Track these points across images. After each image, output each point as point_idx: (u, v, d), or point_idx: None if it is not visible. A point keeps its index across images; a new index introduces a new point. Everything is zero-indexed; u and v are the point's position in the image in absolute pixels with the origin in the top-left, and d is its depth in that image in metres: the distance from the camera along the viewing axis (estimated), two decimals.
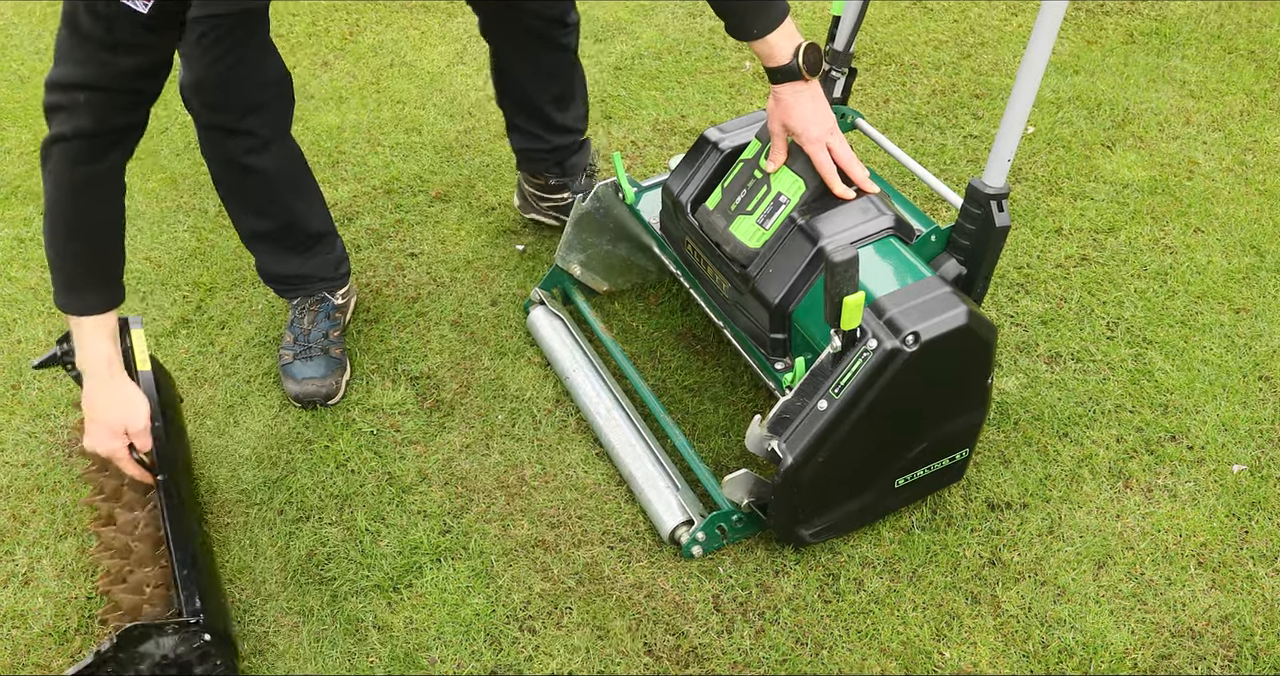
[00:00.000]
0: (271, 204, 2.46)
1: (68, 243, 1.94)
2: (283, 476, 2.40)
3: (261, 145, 2.36)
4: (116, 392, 2.01)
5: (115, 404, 2.01)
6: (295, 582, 2.21)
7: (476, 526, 2.30)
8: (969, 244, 2.12)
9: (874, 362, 1.90)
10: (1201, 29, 3.76)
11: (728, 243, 2.18)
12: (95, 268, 1.98)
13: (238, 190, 2.44)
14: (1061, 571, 2.19)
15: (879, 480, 2.13)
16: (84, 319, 1.98)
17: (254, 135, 2.33)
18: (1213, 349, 2.62)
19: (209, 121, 2.30)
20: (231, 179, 2.41)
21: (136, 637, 1.84)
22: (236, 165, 2.37)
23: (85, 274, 1.97)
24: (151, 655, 1.87)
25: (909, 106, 3.44)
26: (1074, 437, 2.43)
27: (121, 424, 2.01)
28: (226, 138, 2.33)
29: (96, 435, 2.00)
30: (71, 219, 1.92)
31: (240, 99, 2.27)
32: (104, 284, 1.99)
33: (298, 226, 2.53)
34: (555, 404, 2.53)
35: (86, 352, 2.00)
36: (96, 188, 1.90)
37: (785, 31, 2.04)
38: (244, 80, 2.25)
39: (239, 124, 2.30)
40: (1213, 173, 3.15)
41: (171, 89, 3.57)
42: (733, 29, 2.06)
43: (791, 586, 2.17)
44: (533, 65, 2.65)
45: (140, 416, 2.03)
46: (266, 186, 2.42)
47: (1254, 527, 2.26)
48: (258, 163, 2.37)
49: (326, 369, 2.54)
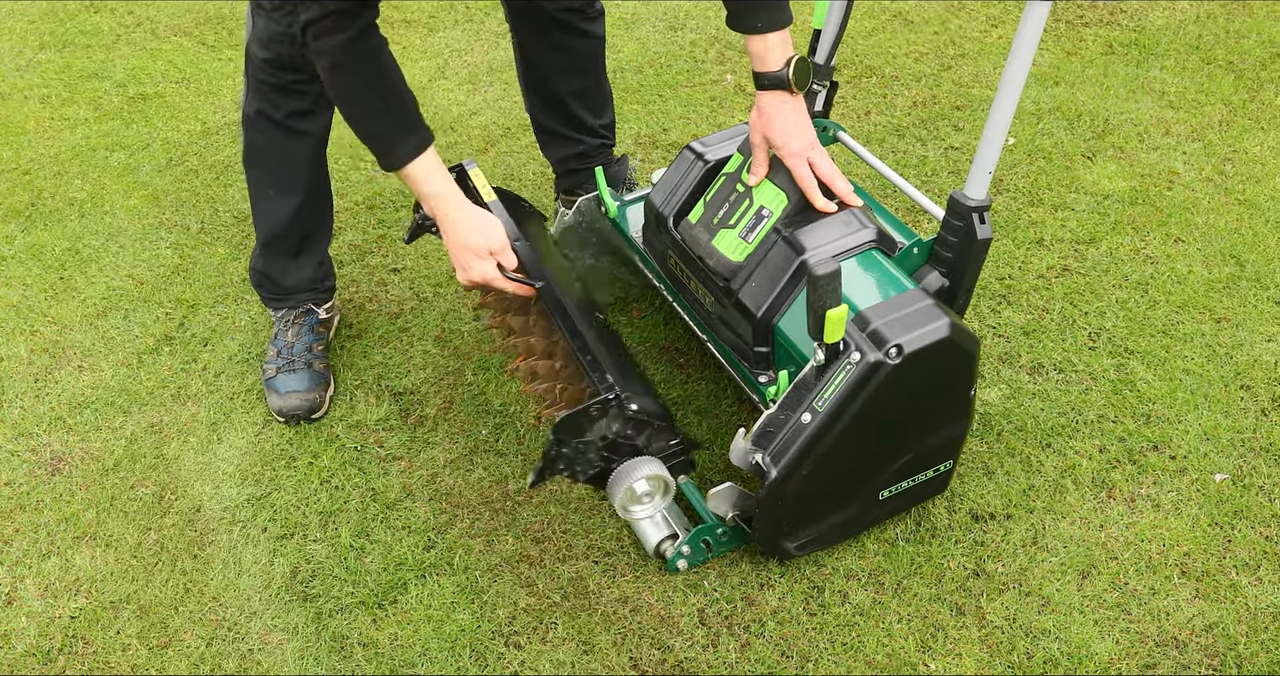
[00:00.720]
0: (302, 175, 2.50)
1: (362, 109, 2.04)
2: (266, 493, 2.40)
3: (309, 109, 2.41)
4: (467, 221, 2.12)
5: (470, 231, 2.12)
6: (280, 600, 2.20)
7: (461, 542, 2.29)
8: (951, 256, 2.13)
9: (857, 375, 1.91)
10: (1180, 40, 3.79)
11: (710, 256, 2.19)
12: (398, 119, 2.06)
13: (274, 158, 2.48)
14: (1046, 582, 2.19)
15: (863, 492, 2.13)
16: (412, 166, 2.07)
17: (307, 96, 2.39)
18: (1194, 358, 2.63)
19: (268, 78, 2.34)
20: (272, 144, 2.45)
21: (569, 427, 1.97)
22: (282, 127, 2.42)
23: (393, 127, 2.06)
24: (592, 440, 2.01)
25: (890, 119, 3.46)
26: (1057, 448, 2.44)
27: (483, 247, 2.13)
28: (280, 95, 2.37)
29: (466, 261, 2.13)
30: (355, 86, 2.02)
31: (305, 66, 2.32)
32: (411, 129, 2.07)
33: (314, 208, 2.56)
34: (539, 418, 2.53)
35: (428, 196, 2.11)
36: (357, 50, 1.98)
37: (784, 37, 2.06)
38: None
39: (300, 85, 2.35)
40: (1193, 183, 3.17)
41: (154, 108, 3.57)
42: (736, 19, 2.07)
43: (776, 599, 2.17)
44: (558, 54, 2.69)
45: (497, 236, 2.15)
46: (304, 152, 2.47)
47: (1237, 536, 2.27)
48: (303, 125, 2.43)
49: (310, 382, 2.54)
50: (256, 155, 2.49)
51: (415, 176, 2.09)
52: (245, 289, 2.87)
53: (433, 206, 2.12)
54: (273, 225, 2.55)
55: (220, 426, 2.54)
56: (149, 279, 2.93)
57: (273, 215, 2.54)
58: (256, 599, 2.21)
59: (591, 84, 2.79)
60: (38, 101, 3.64)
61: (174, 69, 3.80)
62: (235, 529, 2.33)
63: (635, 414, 2.02)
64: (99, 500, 2.39)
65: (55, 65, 3.83)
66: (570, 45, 2.68)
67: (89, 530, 2.33)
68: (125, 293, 2.89)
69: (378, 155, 2.09)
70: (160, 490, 2.41)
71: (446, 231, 2.14)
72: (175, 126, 3.51)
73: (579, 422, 1.98)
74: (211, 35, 3.98)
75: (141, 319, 2.81)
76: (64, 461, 2.47)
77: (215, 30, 4.01)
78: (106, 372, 2.67)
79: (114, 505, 2.38)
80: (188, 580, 2.24)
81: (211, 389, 2.63)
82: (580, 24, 2.65)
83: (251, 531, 2.33)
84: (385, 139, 2.06)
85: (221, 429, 2.54)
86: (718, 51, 3.82)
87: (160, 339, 2.75)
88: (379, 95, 2.04)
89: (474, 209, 2.15)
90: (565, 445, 2.00)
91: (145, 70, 3.79)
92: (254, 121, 2.42)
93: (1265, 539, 2.26)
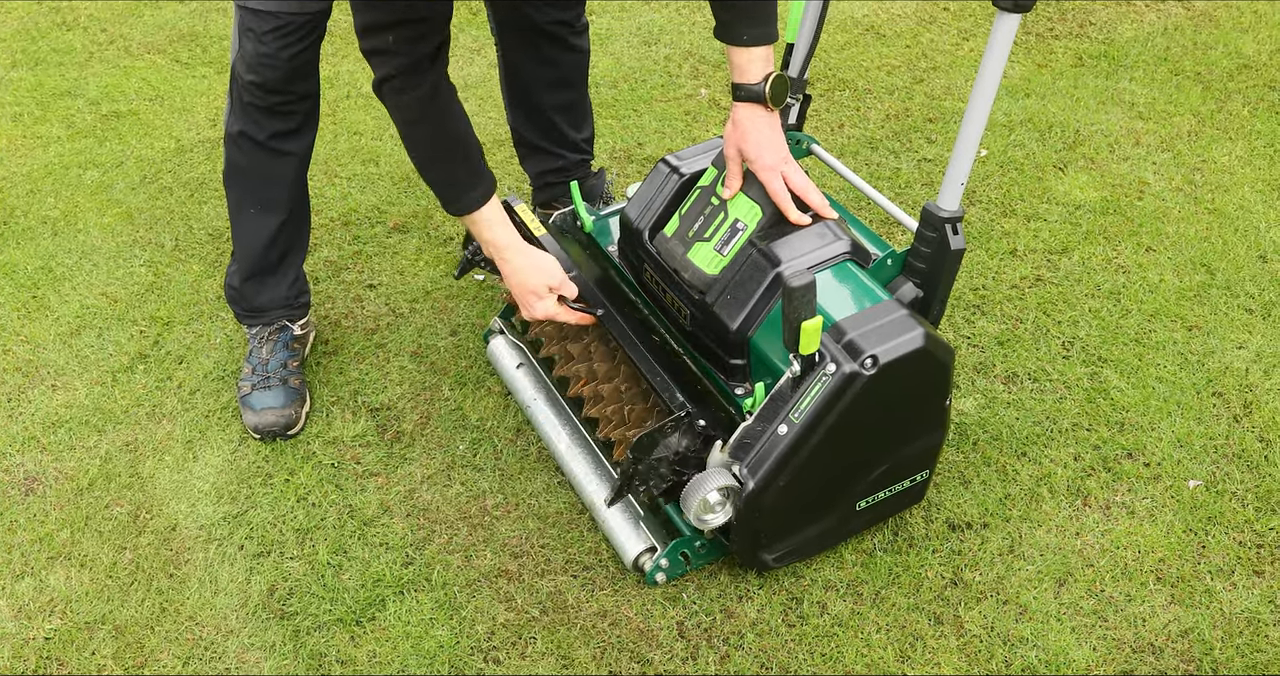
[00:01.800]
0: (283, 194, 2.51)
1: (434, 160, 2.16)
2: (243, 511, 2.38)
3: (295, 129, 2.43)
4: (527, 261, 2.22)
5: (531, 270, 2.22)
6: (257, 618, 2.19)
7: (439, 558, 2.28)
8: (925, 267, 2.14)
9: (833, 386, 1.91)
10: (1149, 52, 3.83)
11: (686, 269, 2.19)
12: (465, 169, 2.17)
13: (256, 178, 2.48)
14: (1023, 590, 2.20)
15: (841, 503, 2.14)
16: (477, 214, 2.18)
17: (292, 117, 2.40)
18: (1167, 366, 2.65)
19: (254, 100, 2.35)
20: (254, 163, 2.45)
21: (646, 445, 2.04)
22: (265, 148, 2.42)
23: (461, 177, 2.17)
24: (665, 456, 2.08)
25: (863, 131, 3.48)
26: (1032, 457, 2.45)
27: (544, 285, 2.22)
28: (265, 116, 2.38)
29: (529, 303, 2.24)
30: (426, 139, 2.13)
31: (295, 87, 2.35)
32: (477, 179, 2.17)
33: (293, 228, 2.57)
34: (516, 433, 2.53)
35: (489, 240, 2.22)
36: (432, 106, 2.09)
37: (767, 53, 2.08)
38: (304, 69, 2.34)
39: (285, 106, 2.37)
40: (1163, 192, 3.19)
41: (127, 125, 3.56)
42: (725, 29, 2.08)
43: (755, 611, 2.17)
44: (545, 67, 2.71)
45: (556, 271, 2.24)
46: (286, 172, 2.48)
47: (1211, 542, 2.28)
48: (286, 145, 2.44)
49: (286, 399, 2.53)
50: (238, 174, 2.49)
51: (479, 223, 2.20)
52: (220, 306, 2.86)
53: (494, 252, 2.23)
54: (251, 242, 2.54)
55: (196, 444, 2.53)
56: (123, 297, 2.92)
57: (252, 233, 2.53)
58: (233, 617, 2.20)
59: (576, 98, 2.81)
60: (9, 119, 3.62)
61: (147, 86, 3.79)
62: (211, 547, 2.32)
63: (703, 429, 2.07)
64: (73, 520, 2.37)
65: (27, 83, 3.81)
66: (557, 58, 2.70)
67: (63, 550, 2.32)
68: (99, 311, 2.87)
69: (443, 201, 2.20)
70: (135, 509, 2.39)
71: (509, 275, 2.23)
72: (149, 144, 3.50)
73: (653, 441, 2.05)
74: (185, 52, 3.97)
75: (115, 337, 2.79)
76: (38, 481, 2.46)
77: (189, 47, 4.00)
78: (80, 391, 2.65)
79: (89, 525, 2.36)
80: (164, 599, 2.22)
81: (187, 407, 2.61)
82: (569, 37, 2.67)
83: (228, 549, 2.31)
84: (453, 188, 2.17)
85: (197, 447, 2.52)
86: (692, 66, 3.83)
87: (135, 357, 2.74)
88: (449, 146, 2.14)
89: (532, 251, 2.24)
90: (641, 462, 2.06)
91: (118, 88, 3.78)
92: (236, 140, 2.42)
93: (1239, 544, 2.28)
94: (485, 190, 2.18)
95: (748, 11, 2.04)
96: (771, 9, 2.07)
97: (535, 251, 2.25)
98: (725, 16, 2.07)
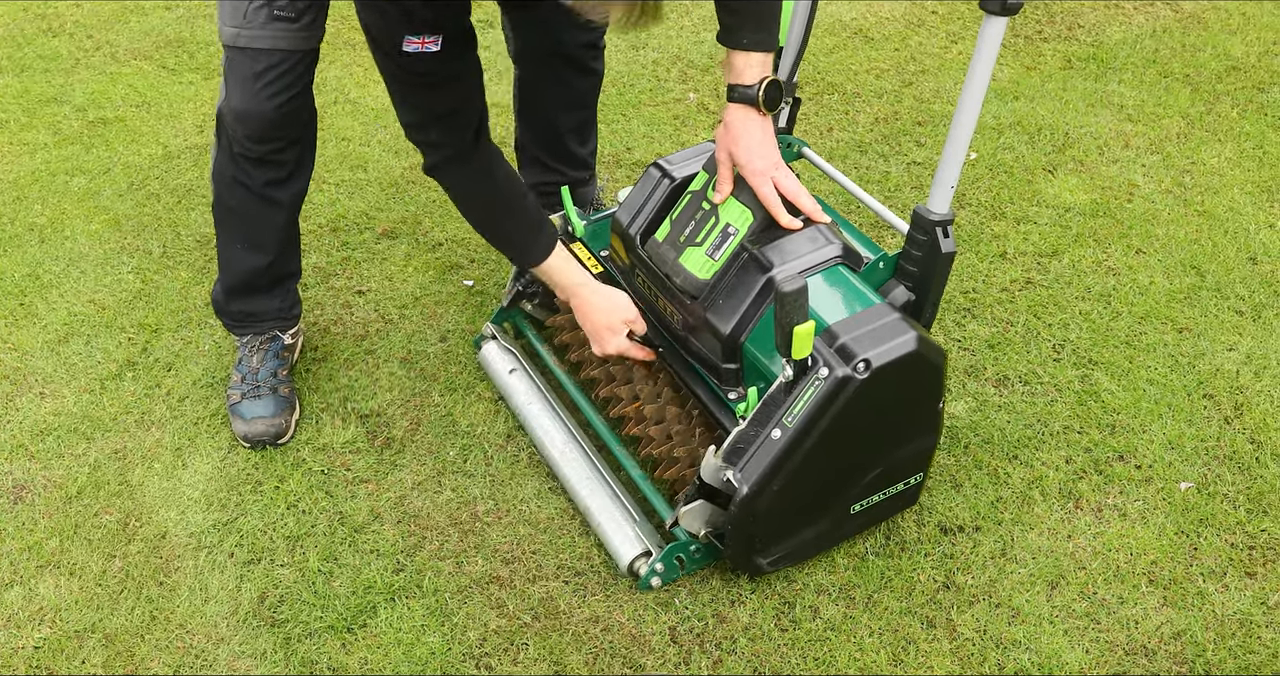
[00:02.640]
0: (272, 237, 2.49)
1: (495, 223, 2.33)
2: (233, 518, 2.38)
3: (287, 177, 2.41)
4: (602, 300, 2.31)
5: (605, 309, 2.30)
6: (247, 626, 2.19)
7: (430, 564, 2.28)
8: (916, 270, 2.15)
9: (826, 390, 1.92)
10: (1137, 54, 3.85)
11: (678, 274, 2.20)
12: (525, 224, 2.31)
13: (246, 221, 2.46)
14: (1015, 593, 2.21)
15: (834, 507, 2.14)
16: (546, 264, 2.33)
17: (284, 166, 2.39)
18: (1157, 368, 2.66)
19: (245, 151, 2.33)
20: (245, 209, 2.44)
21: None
22: (256, 196, 2.41)
23: (524, 233, 2.32)
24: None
25: (852, 135, 3.48)
26: (1024, 460, 2.46)
27: (620, 320, 2.30)
28: (255, 167, 2.36)
29: (604, 338, 2.31)
30: (483, 207, 2.30)
31: (285, 132, 2.32)
32: (538, 231, 2.32)
33: (283, 262, 2.55)
34: (507, 439, 2.53)
35: (562, 285, 2.35)
36: (486, 180, 2.24)
37: (765, 59, 2.09)
38: (294, 116, 2.31)
39: (275, 156, 2.35)
40: (1152, 195, 3.21)
41: (114, 132, 3.55)
42: (727, 33, 2.09)
43: (748, 615, 2.17)
44: (562, 88, 2.71)
45: (629, 307, 2.32)
46: (275, 218, 2.46)
47: (1202, 544, 2.29)
48: (277, 194, 2.42)
49: (275, 408, 2.53)
50: (227, 215, 2.47)
51: (550, 272, 2.34)
52: (209, 313, 2.85)
53: (567, 293, 2.35)
54: (239, 273, 2.53)
55: (185, 452, 2.52)
56: (111, 304, 2.91)
57: (241, 265, 2.52)
58: (224, 625, 2.19)
59: (588, 117, 2.82)
60: None
61: (134, 93, 3.78)
62: (201, 555, 2.32)
63: None
64: (62, 528, 2.36)
65: (13, 90, 3.80)
66: (575, 81, 2.71)
67: (52, 559, 2.31)
68: (87, 318, 2.87)
69: (513, 257, 2.41)
70: (125, 517, 2.39)
71: (586, 312, 2.32)
72: (136, 150, 3.50)
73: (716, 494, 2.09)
74: (172, 59, 3.96)
75: (104, 344, 2.79)
76: (26, 489, 2.45)
77: (175, 54, 3.99)
78: (69, 399, 2.64)
79: (78, 533, 2.36)
80: (154, 607, 2.22)
81: (175, 414, 2.61)
82: (589, 61, 2.68)
83: (218, 557, 2.31)
84: (519, 244, 2.33)
85: (186, 454, 2.52)
86: (680, 70, 3.84)
87: (123, 364, 2.73)
88: (506, 209, 2.29)
89: (605, 289, 2.33)
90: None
91: (105, 94, 3.77)
92: (228, 184, 2.41)
93: (1230, 546, 2.29)
94: (548, 240, 2.32)
95: (752, 16, 2.05)
96: (775, 17, 2.08)
97: (608, 288, 2.34)
98: (729, 20, 2.07)
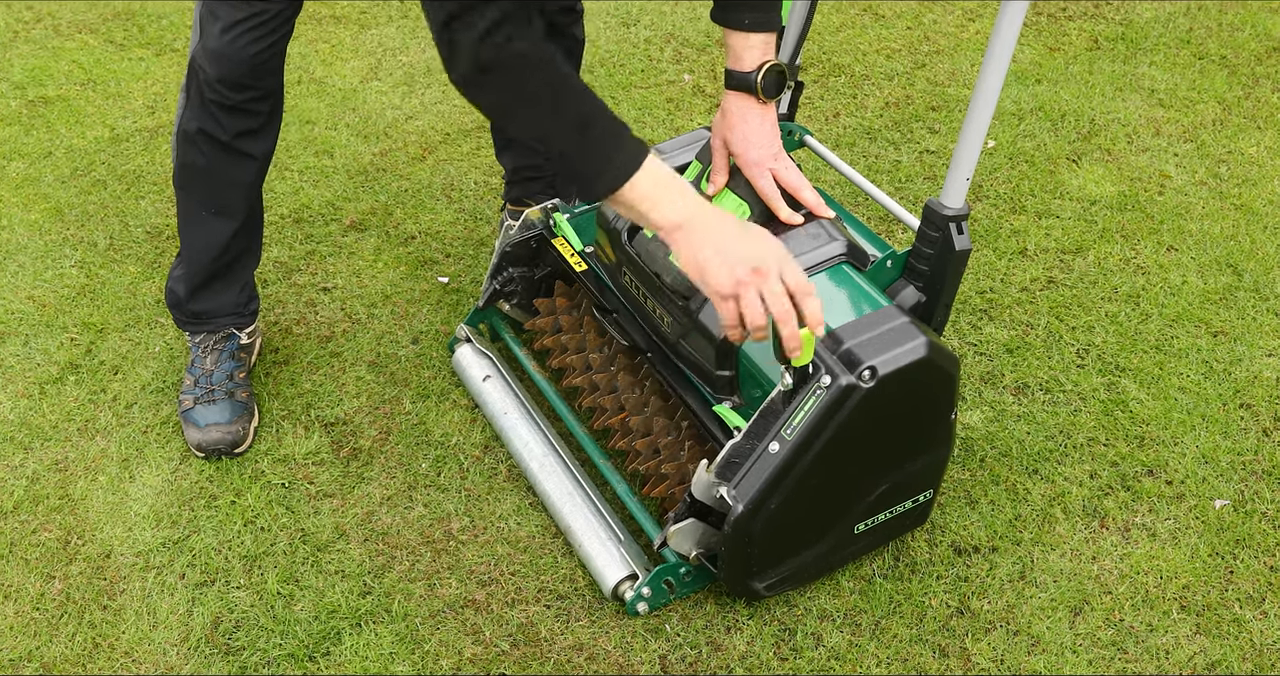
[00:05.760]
0: (240, 198, 2.50)
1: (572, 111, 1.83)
2: (184, 536, 2.38)
3: (259, 128, 2.42)
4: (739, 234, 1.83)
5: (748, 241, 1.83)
6: (200, 654, 2.18)
7: (400, 586, 2.28)
8: (927, 269, 2.15)
9: (828, 400, 1.92)
10: (1170, 33, 3.85)
11: (668, 273, 2.20)
12: (612, 118, 1.85)
13: (213, 180, 2.46)
14: (1035, 619, 2.21)
15: (837, 526, 2.14)
16: (643, 170, 1.80)
17: (257, 116, 2.39)
18: (1190, 376, 2.67)
19: (219, 97, 2.34)
20: (213, 165, 2.44)
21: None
22: (226, 149, 2.41)
23: (613, 129, 1.83)
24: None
25: (860, 121, 3.49)
26: (1045, 474, 2.46)
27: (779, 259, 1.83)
28: (228, 115, 2.37)
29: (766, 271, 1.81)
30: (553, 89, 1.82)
31: (263, 82, 2.34)
32: (624, 127, 1.84)
33: (247, 233, 2.56)
34: (484, 450, 2.53)
35: (667, 208, 1.81)
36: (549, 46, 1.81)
37: (766, 40, 2.08)
38: (269, 65, 2.33)
39: (248, 105, 2.36)
40: (1185, 187, 3.21)
41: (56, 112, 3.54)
42: (723, 10, 2.07)
43: (745, 643, 2.18)
44: None
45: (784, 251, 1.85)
46: (244, 175, 2.47)
47: (1239, 567, 2.30)
48: (249, 146, 2.42)
49: (232, 413, 2.52)
50: (194, 175, 2.47)
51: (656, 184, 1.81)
52: (159, 311, 2.85)
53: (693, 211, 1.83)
54: (202, 248, 2.53)
55: (132, 463, 2.52)
56: (52, 301, 2.91)
57: (204, 238, 2.52)
58: (174, 653, 2.19)
59: None
60: None
61: (79, 70, 3.77)
62: (149, 576, 2.31)
63: None
64: None
65: None
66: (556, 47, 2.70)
67: None
68: (25, 316, 2.86)
69: (593, 175, 1.82)
70: (66, 534, 2.38)
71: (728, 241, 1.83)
72: (80, 133, 3.49)
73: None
74: (120, 32, 3.96)
75: (44, 345, 2.78)
76: None
77: (124, 27, 3.99)
78: (4, 405, 2.64)
79: (14, 552, 2.35)
80: (97, 633, 2.22)
81: (122, 422, 2.60)
82: (569, 26, 2.69)
83: (168, 578, 2.31)
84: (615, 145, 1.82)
85: (134, 466, 2.52)
86: (674, 49, 3.84)
87: (65, 367, 2.73)
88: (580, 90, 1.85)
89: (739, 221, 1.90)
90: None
91: (46, 71, 3.76)
92: (194, 140, 2.40)
93: (1270, 569, 2.29)
94: (642, 142, 1.84)
95: None
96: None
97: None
98: None
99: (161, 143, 3.43)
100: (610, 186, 1.80)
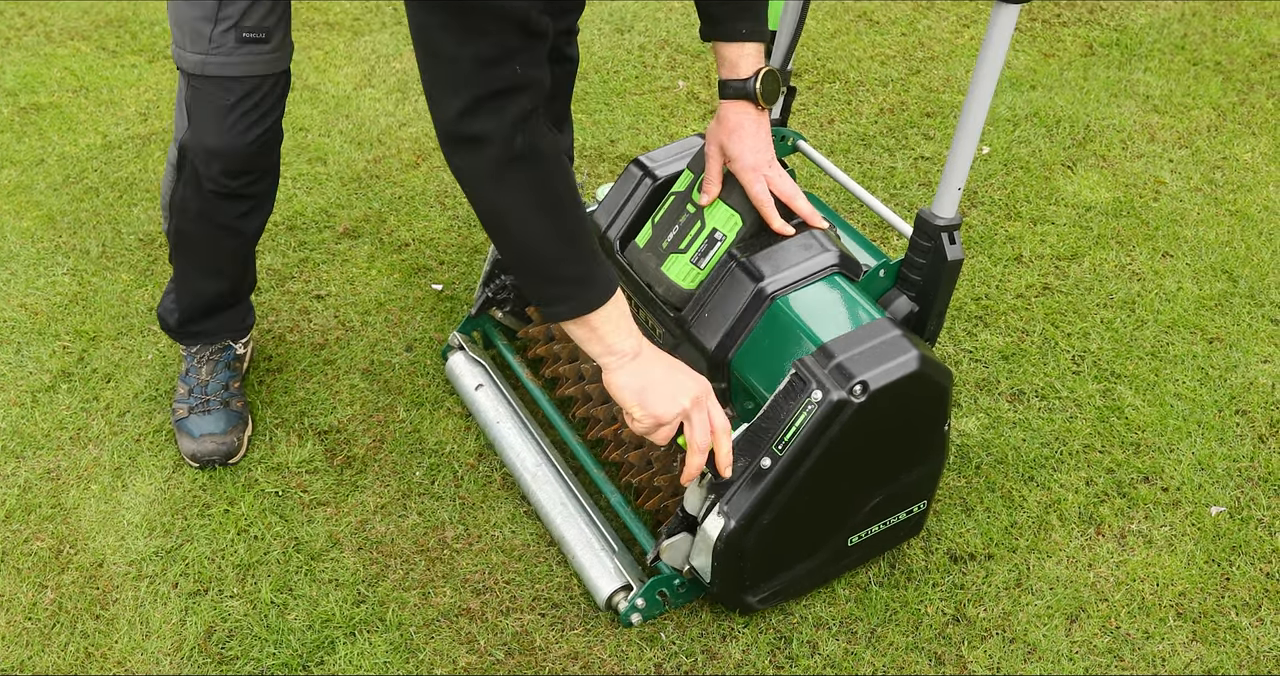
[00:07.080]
0: (236, 264, 2.49)
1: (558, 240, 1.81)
2: (177, 545, 2.38)
3: (255, 207, 2.39)
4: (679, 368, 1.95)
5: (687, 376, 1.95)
6: (192, 663, 2.19)
7: (394, 595, 2.28)
8: (920, 279, 2.16)
9: (820, 415, 1.92)
10: (1164, 39, 3.86)
11: (660, 284, 2.20)
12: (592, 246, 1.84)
13: (210, 251, 2.45)
14: (1031, 627, 2.21)
15: (831, 540, 2.15)
16: (606, 306, 1.85)
17: (253, 198, 2.37)
18: (1185, 382, 2.67)
19: (218, 188, 2.30)
20: (210, 240, 2.42)
21: None
22: (222, 227, 2.39)
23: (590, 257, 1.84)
24: None
25: (855, 127, 3.49)
26: (1040, 481, 2.47)
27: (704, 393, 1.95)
28: (226, 201, 2.34)
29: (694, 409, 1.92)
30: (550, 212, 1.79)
31: (261, 164, 2.30)
32: (600, 260, 1.86)
33: (242, 284, 2.56)
34: (478, 458, 2.53)
35: (628, 337, 1.90)
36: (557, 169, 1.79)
37: (759, 48, 2.09)
38: (270, 146, 2.28)
39: (247, 189, 2.33)
40: (1180, 193, 3.22)
41: (48, 119, 3.54)
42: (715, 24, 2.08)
43: (740, 652, 2.18)
44: None
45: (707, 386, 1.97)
46: (241, 248, 2.46)
47: (1235, 574, 2.30)
48: (244, 225, 2.40)
49: (227, 423, 2.53)
50: (186, 244, 2.46)
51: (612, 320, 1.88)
52: (152, 319, 2.85)
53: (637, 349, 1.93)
54: (194, 295, 2.54)
55: (125, 471, 2.52)
56: (44, 309, 2.91)
57: (195, 285, 2.52)
58: (166, 662, 2.19)
59: (562, 109, 2.83)
60: None
61: (71, 76, 3.78)
62: (142, 585, 2.31)
63: None
64: None
65: None
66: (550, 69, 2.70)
67: None
68: (17, 324, 2.86)
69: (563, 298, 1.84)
70: (58, 543, 2.38)
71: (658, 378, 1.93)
72: (73, 140, 3.49)
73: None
74: (112, 39, 3.96)
75: (36, 353, 2.79)
76: None
77: (116, 34, 3.99)
78: None
79: (5, 561, 2.35)
80: (89, 643, 2.22)
81: (115, 430, 2.61)
82: (564, 47, 2.69)
83: (160, 588, 2.31)
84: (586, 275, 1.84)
85: (126, 474, 2.52)
86: (668, 56, 3.85)
87: (57, 375, 2.73)
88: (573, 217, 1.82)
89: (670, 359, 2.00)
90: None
91: (38, 78, 3.77)
92: (190, 216, 2.38)
93: (1266, 576, 2.30)
94: (613, 275, 1.87)
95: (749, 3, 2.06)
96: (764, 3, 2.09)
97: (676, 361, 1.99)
98: (721, 10, 2.07)
99: (155, 150, 3.43)
100: (602, 296, 1.85)
